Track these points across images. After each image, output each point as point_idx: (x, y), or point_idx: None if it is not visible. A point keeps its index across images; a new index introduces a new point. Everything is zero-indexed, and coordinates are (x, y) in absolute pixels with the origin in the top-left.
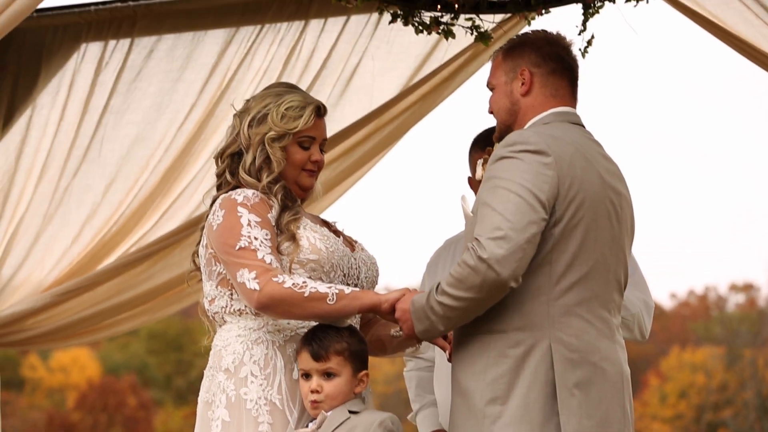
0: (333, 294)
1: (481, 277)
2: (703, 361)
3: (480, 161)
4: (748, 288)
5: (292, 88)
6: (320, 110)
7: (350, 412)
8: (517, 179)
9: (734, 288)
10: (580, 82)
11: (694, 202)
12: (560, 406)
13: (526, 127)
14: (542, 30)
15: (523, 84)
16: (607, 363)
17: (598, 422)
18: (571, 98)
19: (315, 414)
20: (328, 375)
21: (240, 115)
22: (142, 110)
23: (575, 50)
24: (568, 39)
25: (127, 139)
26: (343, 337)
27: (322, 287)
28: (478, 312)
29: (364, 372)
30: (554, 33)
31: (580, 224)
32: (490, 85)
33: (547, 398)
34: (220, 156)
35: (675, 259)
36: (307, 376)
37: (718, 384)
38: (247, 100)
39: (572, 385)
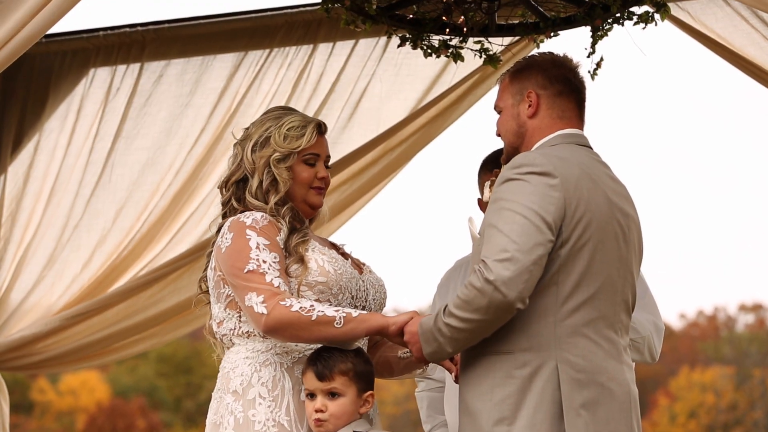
0: (340, 317)
1: (487, 299)
2: (713, 381)
3: (487, 183)
4: (757, 308)
5: (289, 110)
6: (321, 127)
7: None
8: (523, 201)
9: (743, 308)
10: (589, 104)
11: (702, 222)
12: (567, 427)
13: (533, 149)
14: (549, 52)
15: (530, 106)
16: (614, 383)
17: None
18: (579, 120)
19: None
20: (332, 395)
21: (241, 142)
22: (152, 135)
23: (583, 72)
24: (575, 61)
25: (137, 164)
26: (348, 358)
27: (329, 311)
28: (485, 334)
29: (369, 392)
30: (561, 55)
31: (587, 245)
32: (498, 108)
33: (554, 419)
34: (224, 185)
35: (684, 280)
36: (312, 395)
37: (727, 404)
38: (246, 128)
39: (579, 405)
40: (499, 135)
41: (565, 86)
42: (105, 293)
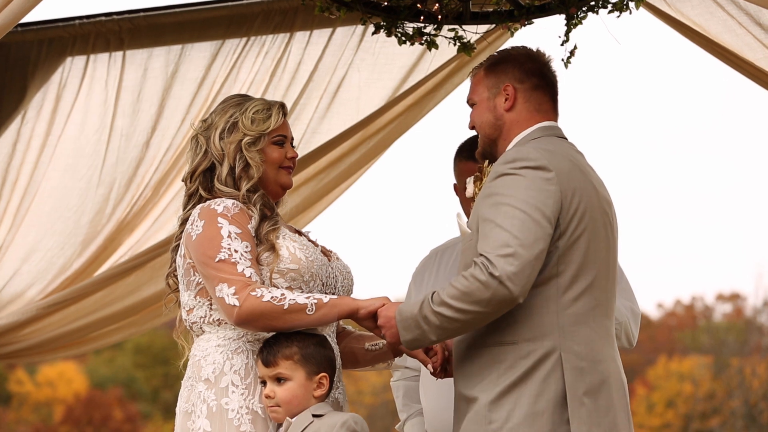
0: (312, 304)
1: (491, 293)
2: (690, 371)
3: (470, 179)
4: (734, 297)
5: (247, 96)
6: (284, 108)
7: (314, 416)
8: (521, 196)
9: (721, 297)
10: (563, 92)
11: (679, 212)
12: (571, 416)
13: (513, 142)
14: (523, 46)
15: (506, 99)
16: (612, 371)
17: (607, 430)
18: (554, 113)
19: (275, 419)
20: (279, 380)
21: (204, 132)
22: (127, 124)
23: (557, 60)
24: (548, 55)
25: (115, 154)
26: (293, 342)
27: (300, 298)
28: (478, 326)
29: (321, 374)
30: (535, 49)
31: (582, 235)
32: (471, 101)
33: (556, 407)
34: (190, 177)
35: (661, 269)
36: (264, 383)
37: (705, 393)
38: (204, 120)
39: (582, 393)
40: (472, 128)
41: (540, 80)
42: (82, 282)
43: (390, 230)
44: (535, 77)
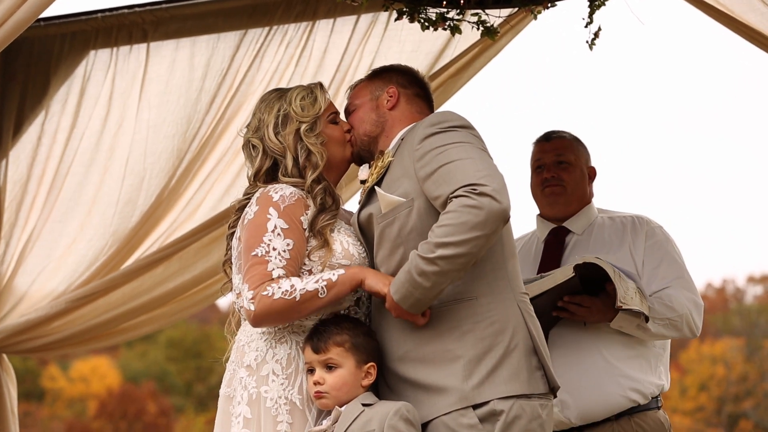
0: (322, 287)
1: (485, 211)
2: (723, 353)
3: (365, 165)
4: (766, 279)
5: (282, 88)
6: (324, 87)
7: (364, 405)
8: (464, 140)
9: (752, 280)
10: (587, 74)
11: (709, 194)
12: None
13: (396, 137)
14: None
15: (389, 100)
16: None
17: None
18: None
19: (322, 407)
20: (329, 367)
21: (255, 133)
22: (153, 116)
23: (581, 43)
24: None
25: (144, 145)
26: (344, 329)
27: (310, 284)
28: (479, 255)
29: (370, 364)
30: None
31: None
32: (351, 107)
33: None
34: (254, 178)
35: (692, 253)
36: (311, 370)
37: (738, 376)
38: (247, 125)
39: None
40: (348, 131)
41: (422, 91)
42: (110, 275)
43: None
44: (417, 87)
